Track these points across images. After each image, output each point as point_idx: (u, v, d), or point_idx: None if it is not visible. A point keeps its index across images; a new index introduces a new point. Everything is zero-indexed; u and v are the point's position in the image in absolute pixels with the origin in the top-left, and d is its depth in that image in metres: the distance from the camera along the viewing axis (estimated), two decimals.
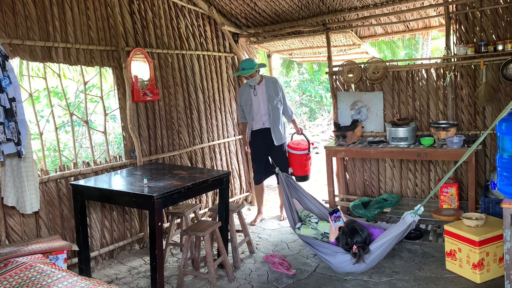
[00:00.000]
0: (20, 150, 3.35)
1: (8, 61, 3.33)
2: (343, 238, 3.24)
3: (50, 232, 3.88)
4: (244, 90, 5.14)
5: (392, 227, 3.13)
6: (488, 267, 3.51)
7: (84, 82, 4.45)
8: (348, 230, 3.25)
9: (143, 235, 4.70)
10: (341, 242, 3.26)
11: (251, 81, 4.99)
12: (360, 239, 3.17)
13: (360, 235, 3.18)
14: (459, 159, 4.24)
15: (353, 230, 3.22)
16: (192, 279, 3.90)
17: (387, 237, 3.09)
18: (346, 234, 3.23)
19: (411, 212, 2.96)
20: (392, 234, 3.08)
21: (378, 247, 3.13)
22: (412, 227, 3.06)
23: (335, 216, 3.44)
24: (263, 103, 5.03)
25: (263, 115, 5.05)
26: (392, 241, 3.12)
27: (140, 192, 3.33)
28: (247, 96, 5.08)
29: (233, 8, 5.61)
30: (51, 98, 4.44)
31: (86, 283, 2.57)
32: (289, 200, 3.99)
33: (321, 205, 4.04)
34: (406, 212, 3.00)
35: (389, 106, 5.30)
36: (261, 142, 5.10)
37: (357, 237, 3.17)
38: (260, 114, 5.05)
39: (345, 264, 3.22)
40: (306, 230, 3.70)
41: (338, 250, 3.26)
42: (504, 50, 4.49)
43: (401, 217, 3.09)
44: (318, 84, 13.69)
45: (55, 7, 3.96)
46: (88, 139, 4.77)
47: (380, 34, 6.05)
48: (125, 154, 4.61)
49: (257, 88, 5.04)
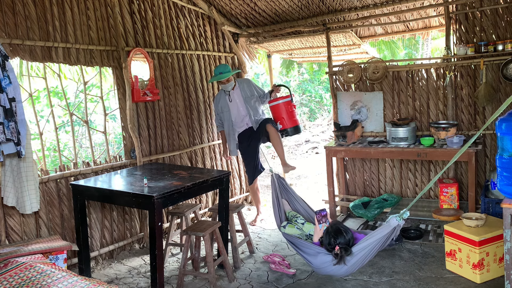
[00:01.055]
0: (20, 150, 3.34)
1: (8, 61, 3.33)
2: (326, 237, 3.22)
3: (50, 232, 3.88)
4: (219, 98, 5.12)
5: (376, 230, 3.11)
6: (488, 267, 3.51)
7: (84, 82, 4.45)
8: (332, 230, 3.23)
9: (143, 235, 4.70)
10: (324, 242, 3.25)
11: (228, 86, 4.96)
12: (343, 240, 3.14)
13: (343, 236, 3.16)
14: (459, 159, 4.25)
15: (337, 231, 3.20)
16: (192, 279, 3.90)
17: (370, 240, 3.06)
18: (330, 234, 3.21)
19: (396, 216, 2.93)
20: (375, 237, 3.03)
21: (360, 250, 3.09)
22: (397, 231, 3.00)
23: (320, 215, 3.42)
24: (241, 105, 5.03)
25: (244, 116, 5.05)
26: (376, 245, 3.05)
27: (140, 192, 3.33)
28: (223, 103, 5.07)
29: (233, 8, 5.61)
30: (51, 98, 4.44)
31: (86, 283, 2.57)
32: (278, 200, 3.98)
33: (309, 208, 4.03)
34: (391, 216, 2.97)
35: (389, 106, 5.30)
36: (249, 142, 5.06)
37: (341, 238, 3.15)
38: (241, 116, 5.04)
39: (326, 265, 3.20)
40: (291, 229, 3.70)
41: (320, 251, 3.24)
42: (504, 50, 4.49)
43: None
44: (318, 84, 13.69)
45: (55, 7, 3.96)
46: (88, 139, 4.77)
47: (380, 34, 6.05)
48: (125, 154, 4.61)
49: (232, 94, 5.04)
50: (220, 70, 4.90)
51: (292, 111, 5.00)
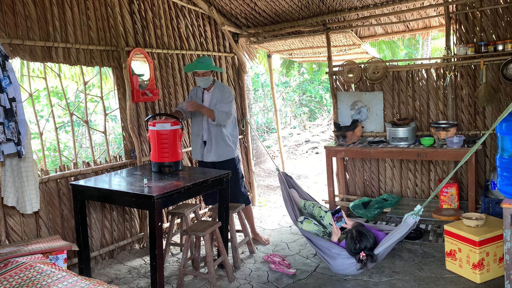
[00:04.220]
0: (20, 150, 3.35)
1: (8, 61, 3.33)
2: (351, 243, 3.17)
3: (50, 232, 3.87)
4: (196, 91, 4.51)
5: (395, 231, 3.11)
6: (488, 267, 3.51)
7: (84, 82, 4.45)
8: (357, 235, 3.17)
9: (143, 235, 4.70)
10: (349, 246, 3.19)
11: (203, 81, 4.31)
12: (369, 245, 3.11)
13: (369, 241, 3.13)
14: (459, 159, 4.25)
15: (362, 236, 3.15)
16: (192, 279, 3.90)
17: (391, 241, 3.08)
18: (355, 239, 3.14)
19: (412, 214, 2.95)
20: (395, 238, 3.06)
21: (381, 252, 3.12)
22: (413, 228, 3.05)
23: (337, 217, 3.43)
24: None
25: (204, 128, 4.42)
26: (394, 245, 3.12)
27: (140, 192, 3.33)
28: (197, 100, 4.42)
29: (233, 8, 5.61)
30: (51, 98, 4.44)
31: (86, 283, 2.57)
32: (289, 195, 3.97)
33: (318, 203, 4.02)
34: (406, 214, 2.99)
35: (389, 106, 5.30)
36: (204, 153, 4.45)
37: (366, 243, 3.12)
38: (204, 126, 4.42)
39: (346, 267, 3.19)
40: (309, 225, 3.60)
41: (340, 253, 3.22)
42: (504, 50, 4.49)
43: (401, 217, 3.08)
44: (318, 84, 13.69)
45: (55, 7, 3.96)
46: (88, 139, 4.77)
47: (380, 34, 6.05)
48: (125, 154, 4.61)
49: (205, 94, 4.44)
50: (198, 61, 4.32)
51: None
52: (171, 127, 3.94)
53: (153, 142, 3.99)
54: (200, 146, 4.46)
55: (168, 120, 4.02)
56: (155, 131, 3.94)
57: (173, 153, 3.97)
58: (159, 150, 3.95)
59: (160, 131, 3.93)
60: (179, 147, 4.05)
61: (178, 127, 4.00)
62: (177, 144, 4.00)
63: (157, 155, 3.97)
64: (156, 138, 3.94)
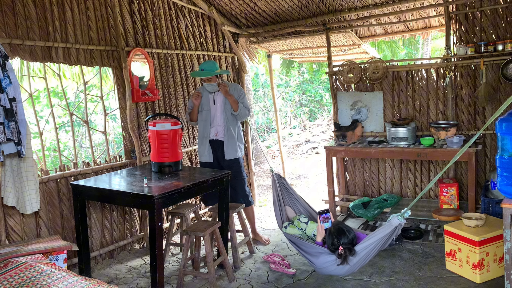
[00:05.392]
0: (20, 150, 3.34)
1: (8, 61, 3.33)
2: (329, 238, 3.22)
3: (50, 232, 3.87)
4: (202, 94, 4.45)
5: (378, 230, 3.11)
6: (488, 267, 3.51)
7: (84, 82, 4.45)
8: (335, 230, 3.22)
9: (143, 235, 4.70)
10: (327, 242, 3.24)
11: (209, 86, 4.34)
12: (347, 240, 3.15)
13: (346, 236, 3.16)
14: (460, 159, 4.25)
15: (340, 231, 3.20)
16: (192, 279, 3.90)
17: (372, 239, 3.06)
18: (333, 234, 3.20)
19: (398, 215, 2.93)
20: (377, 237, 3.04)
21: (362, 249, 3.10)
22: (398, 230, 3.01)
23: (324, 217, 3.43)
24: (220, 112, 4.42)
25: (218, 126, 4.44)
26: (377, 244, 3.06)
27: (140, 192, 3.33)
28: (205, 101, 4.42)
29: (233, 8, 5.61)
30: (51, 98, 4.44)
31: (86, 283, 2.57)
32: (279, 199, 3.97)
33: (311, 208, 4.02)
34: (392, 215, 2.98)
35: (389, 106, 5.30)
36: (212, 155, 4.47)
37: (344, 238, 3.15)
38: (215, 124, 4.44)
39: (328, 264, 3.20)
40: (293, 229, 3.70)
41: (322, 251, 3.24)
42: (504, 50, 4.49)
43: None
44: (318, 84, 13.70)
45: (55, 7, 3.96)
46: (88, 139, 4.77)
47: (380, 34, 6.05)
48: (125, 154, 4.61)
49: (216, 96, 4.42)
50: (202, 67, 4.32)
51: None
52: (171, 127, 3.98)
53: (153, 142, 4.02)
54: (208, 148, 4.47)
55: (168, 120, 4.04)
56: (155, 131, 3.97)
57: (173, 153, 4.00)
58: (159, 150, 3.98)
59: (160, 131, 3.96)
60: (179, 147, 4.07)
61: (178, 127, 4.03)
62: (177, 144, 4.03)
63: (157, 155, 3.99)
64: (156, 138, 3.97)
